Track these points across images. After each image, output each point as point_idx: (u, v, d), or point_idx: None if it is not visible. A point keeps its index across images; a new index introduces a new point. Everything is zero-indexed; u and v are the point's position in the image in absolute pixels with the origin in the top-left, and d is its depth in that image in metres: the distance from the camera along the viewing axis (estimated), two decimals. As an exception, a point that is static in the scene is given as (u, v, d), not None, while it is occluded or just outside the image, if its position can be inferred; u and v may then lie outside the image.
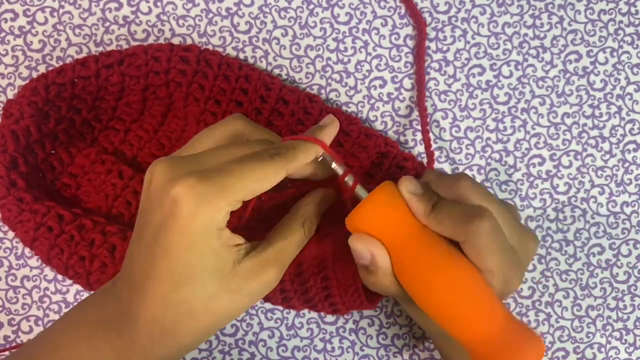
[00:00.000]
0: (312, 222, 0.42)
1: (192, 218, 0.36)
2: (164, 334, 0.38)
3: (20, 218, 0.48)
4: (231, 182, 0.36)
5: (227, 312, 0.38)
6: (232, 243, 0.38)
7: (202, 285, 0.37)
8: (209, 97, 0.51)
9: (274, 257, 0.39)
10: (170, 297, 0.37)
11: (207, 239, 0.36)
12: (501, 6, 0.56)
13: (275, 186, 0.39)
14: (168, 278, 0.37)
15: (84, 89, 0.50)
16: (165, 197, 0.36)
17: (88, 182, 0.52)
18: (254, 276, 0.38)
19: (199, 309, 0.37)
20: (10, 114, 0.48)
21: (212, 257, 0.37)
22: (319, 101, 0.53)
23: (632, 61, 0.57)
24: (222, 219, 0.36)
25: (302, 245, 0.41)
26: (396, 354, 0.56)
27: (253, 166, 0.37)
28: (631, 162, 0.57)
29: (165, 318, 0.37)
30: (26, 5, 0.53)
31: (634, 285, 0.57)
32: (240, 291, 0.38)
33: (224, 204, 0.36)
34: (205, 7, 0.54)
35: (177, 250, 0.36)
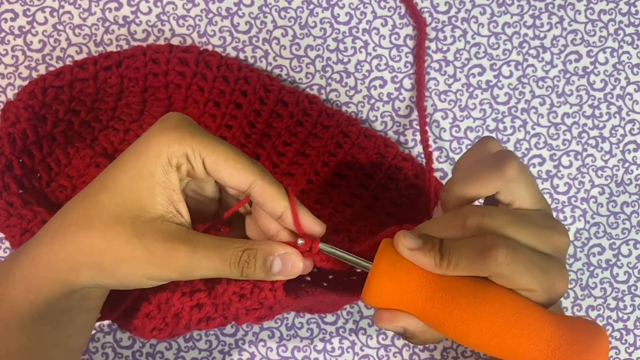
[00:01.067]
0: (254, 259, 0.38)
1: (157, 133, 0.36)
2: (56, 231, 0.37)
3: (8, 222, 0.48)
4: (209, 138, 0.37)
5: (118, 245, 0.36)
6: (174, 202, 0.37)
7: (119, 200, 0.36)
8: (208, 99, 0.51)
9: (192, 244, 0.37)
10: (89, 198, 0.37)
11: (154, 159, 0.36)
12: (501, 6, 0.56)
13: None
14: (101, 181, 0.37)
15: (83, 91, 0.50)
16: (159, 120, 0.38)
17: (83, 184, 0.52)
18: (163, 239, 0.36)
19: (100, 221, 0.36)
20: (7, 117, 0.48)
21: (145, 185, 0.36)
22: (318, 102, 0.53)
23: (632, 61, 0.57)
24: (177, 153, 0.36)
25: (226, 270, 0.38)
26: (396, 354, 0.56)
27: (236, 151, 0.37)
28: (631, 162, 0.57)
29: (71, 216, 0.37)
30: (26, 5, 0.53)
31: (634, 285, 0.57)
32: (142, 238, 0.36)
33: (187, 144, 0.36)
34: (205, 7, 0.54)
35: (127, 156, 0.37)
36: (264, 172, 0.38)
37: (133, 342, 0.55)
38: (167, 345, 0.55)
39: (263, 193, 0.38)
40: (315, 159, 0.53)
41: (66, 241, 0.37)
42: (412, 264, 0.37)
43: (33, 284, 0.38)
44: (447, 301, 0.36)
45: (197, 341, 0.55)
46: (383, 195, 0.53)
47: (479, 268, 0.36)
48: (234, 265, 0.38)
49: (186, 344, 0.55)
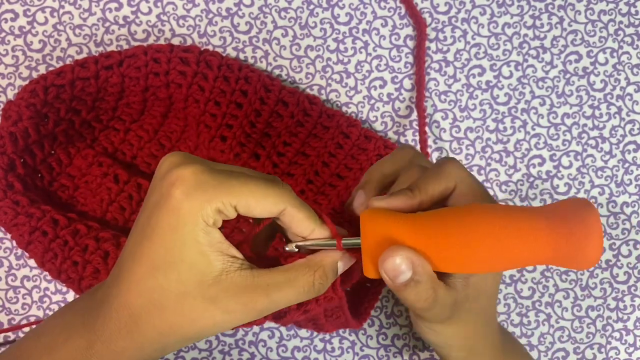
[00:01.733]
0: (325, 274, 0.39)
1: (183, 200, 0.35)
2: (130, 322, 0.37)
3: (15, 221, 0.48)
4: (232, 183, 0.36)
5: (196, 318, 0.37)
6: (227, 252, 0.37)
7: (178, 277, 0.36)
8: (208, 99, 0.51)
9: (264, 287, 0.37)
10: (146, 282, 0.36)
11: (192, 227, 0.35)
12: (501, 7, 0.56)
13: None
14: (149, 261, 0.36)
15: (84, 90, 0.50)
16: (168, 177, 0.36)
17: (85, 184, 0.52)
18: (236, 294, 0.36)
19: (169, 301, 0.36)
20: (8, 116, 0.48)
21: (195, 251, 0.36)
22: (318, 103, 0.53)
23: (632, 62, 0.57)
24: (212, 213, 0.35)
25: (304, 295, 0.38)
26: (396, 354, 0.56)
27: (258, 182, 0.37)
28: (631, 162, 0.57)
29: (135, 304, 0.37)
30: (26, 6, 0.53)
31: (634, 285, 0.57)
32: (215, 302, 0.36)
33: (217, 199, 0.35)
34: (205, 7, 0.54)
35: (163, 231, 0.36)
36: (294, 197, 0.38)
37: (133, 342, 0.55)
38: (167, 346, 0.55)
39: (293, 219, 0.38)
40: (315, 160, 0.53)
41: (144, 330, 0.37)
42: (394, 221, 0.38)
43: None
44: (441, 233, 0.37)
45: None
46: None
47: (444, 178, 0.39)
48: (310, 290, 0.38)
49: (186, 344, 0.55)
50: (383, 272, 0.38)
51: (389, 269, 0.37)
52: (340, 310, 0.44)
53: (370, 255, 0.38)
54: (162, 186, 0.36)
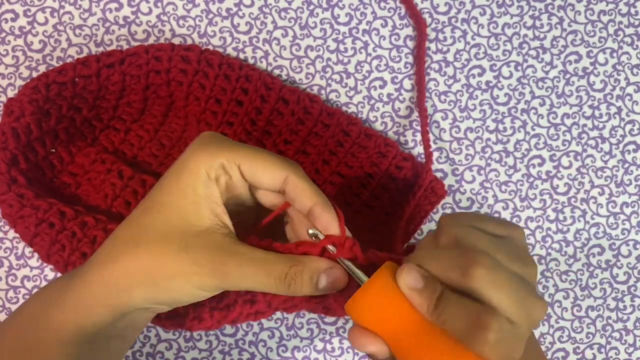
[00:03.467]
0: (301, 276, 0.38)
1: (191, 154, 0.38)
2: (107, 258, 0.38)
3: (21, 213, 0.48)
4: (239, 147, 0.39)
5: (165, 263, 0.37)
6: (219, 214, 0.38)
7: (165, 218, 0.37)
8: (209, 96, 0.51)
9: (239, 257, 0.37)
10: (136, 219, 0.38)
11: (195, 177, 0.38)
12: (501, 7, 0.56)
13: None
14: (147, 202, 0.39)
15: (85, 88, 0.50)
16: (185, 152, 0.40)
17: (88, 181, 0.52)
18: (210, 251, 0.37)
19: (147, 239, 0.37)
20: (11, 112, 0.49)
21: (190, 201, 0.37)
22: (319, 101, 0.53)
23: (631, 62, 0.57)
24: (214, 166, 0.38)
25: (273, 287, 0.38)
26: (396, 354, 0.56)
27: (265, 152, 0.39)
28: (631, 162, 0.57)
29: (118, 236, 0.38)
30: (27, 6, 0.53)
31: (634, 285, 0.57)
32: (188, 251, 0.37)
33: (222, 155, 0.38)
34: (205, 7, 0.54)
35: (167, 180, 0.39)
36: (296, 167, 0.40)
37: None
38: (167, 346, 0.55)
39: (296, 187, 0.39)
40: (316, 158, 0.53)
41: (116, 265, 0.38)
42: (405, 297, 0.37)
43: (83, 308, 0.38)
44: (424, 346, 0.36)
45: (197, 341, 0.55)
46: (383, 194, 0.53)
47: (462, 337, 0.35)
48: (280, 281, 0.38)
49: (186, 344, 0.55)
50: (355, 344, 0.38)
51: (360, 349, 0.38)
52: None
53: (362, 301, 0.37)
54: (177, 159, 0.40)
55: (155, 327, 0.55)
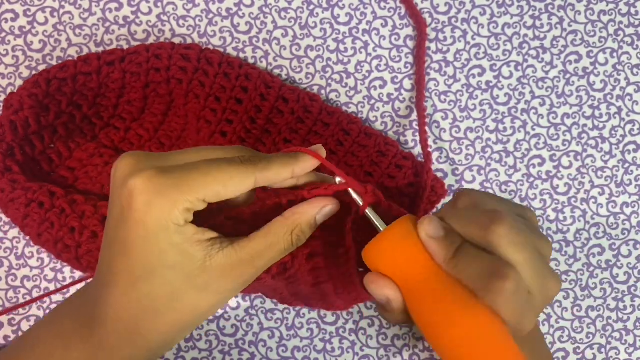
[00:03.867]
0: (303, 232, 0.39)
1: (146, 211, 0.34)
2: (129, 332, 0.37)
3: (12, 196, 0.48)
4: (192, 177, 0.35)
5: (194, 309, 0.37)
6: (203, 238, 0.36)
7: (162, 281, 0.36)
8: (209, 94, 0.51)
9: (248, 259, 0.37)
10: (131, 294, 0.36)
11: (164, 234, 0.35)
12: (501, 7, 0.56)
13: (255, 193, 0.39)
14: (127, 275, 0.36)
15: (85, 85, 0.51)
16: (123, 189, 0.35)
17: (85, 174, 0.52)
18: (224, 274, 0.36)
19: (161, 305, 0.36)
20: (10, 105, 0.49)
21: (173, 253, 0.35)
22: (319, 100, 0.53)
23: (632, 62, 0.57)
24: (180, 215, 0.34)
25: (284, 254, 0.39)
26: (396, 354, 0.56)
27: (219, 167, 0.35)
28: (631, 162, 0.57)
29: (128, 316, 0.37)
30: (27, 6, 0.53)
31: (634, 285, 0.57)
32: (207, 288, 0.36)
33: (182, 200, 0.34)
34: (205, 7, 0.54)
35: (133, 245, 0.35)
36: (258, 160, 0.37)
37: (133, 342, 0.55)
38: (167, 346, 0.55)
39: (268, 180, 0.37)
40: None
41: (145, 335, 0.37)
42: (422, 246, 0.37)
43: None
44: (435, 296, 0.36)
45: (197, 341, 0.55)
46: (383, 193, 0.53)
47: (480, 288, 0.35)
48: (290, 248, 0.39)
49: (186, 344, 0.55)
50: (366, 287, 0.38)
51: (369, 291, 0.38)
52: (350, 278, 0.44)
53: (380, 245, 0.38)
54: (120, 199, 0.35)
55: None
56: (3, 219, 0.54)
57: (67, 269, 0.54)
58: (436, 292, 0.37)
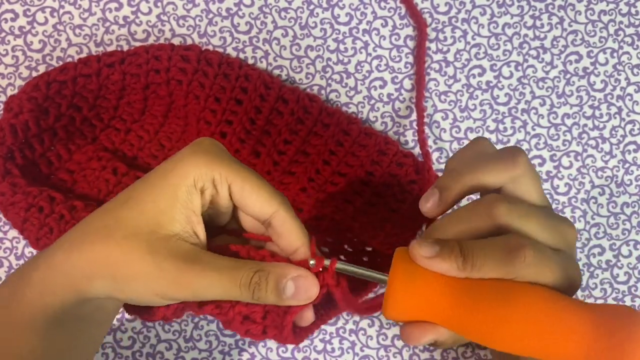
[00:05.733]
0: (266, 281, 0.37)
1: (188, 156, 0.37)
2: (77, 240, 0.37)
3: (12, 200, 0.49)
4: (237, 164, 0.37)
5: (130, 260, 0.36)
6: (192, 222, 0.37)
7: (139, 214, 0.36)
8: (209, 95, 0.51)
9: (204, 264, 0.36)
10: (110, 212, 0.37)
11: (179, 180, 0.36)
12: (501, 7, 0.56)
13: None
14: (127, 194, 0.38)
15: (85, 87, 0.51)
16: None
17: (83, 178, 0.52)
18: (175, 257, 0.36)
19: (117, 232, 0.36)
20: (10, 108, 0.49)
21: (167, 203, 0.36)
22: (318, 101, 0.53)
23: (632, 62, 0.57)
24: (204, 176, 0.37)
25: (236, 292, 0.37)
26: (396, 354, 0.56)
27: (261, 178, 0.38)
28: (631, 162, 0.57)
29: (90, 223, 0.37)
30: (26, 6, 0.53)
31: (634, 286, 0.57)
32: (154, 254, 0.36)
33: (217, 169, 0.37)
34: (205, 7, 0.54)
35: (155, 175, 0.37)
36: (287, 204, 0.38)
37: (133, 342, 0.55)
38: (167, 346, 0.55)
39: (283, 224, 0.38)
40: (316, 158, 0.53)
41: (84, 249, 0.37)
42: (430, 271, 0.35)
43: (48, 287, 0.38)
44: (470, 305, 0.35)
45: (197, 341, 0.55)
46: (385, 192, 0.53)
47: (505, 270, 0.34)
48: (245, 287, 0.37)
49: (186, 344, 0.55)
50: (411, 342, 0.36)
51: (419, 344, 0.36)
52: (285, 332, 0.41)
53: (395, 302, 0.36)
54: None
55: (155, 327, 0.55)
56: (3, 219, 0.54)
57: (67, 269, 0.54)
58: (473, 303, 0.35)
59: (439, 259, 0.35)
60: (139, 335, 0.54)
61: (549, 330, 0.34)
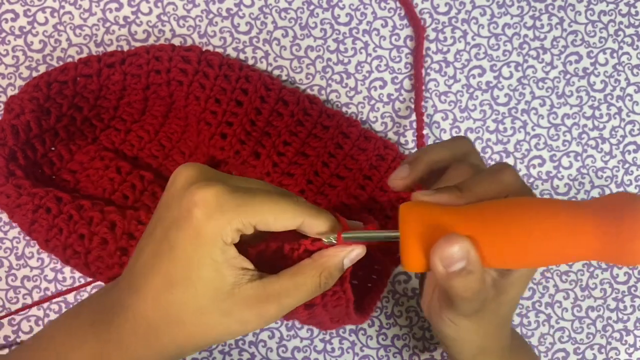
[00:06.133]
0: (331, 275, 0.39)
1: (206, 222, 0.36)
2: (148, 334, 0.38)
3: (18, 202, 0.48)
4: (252, 202, 0.37)
5: (214, 330, 0.38)
6: (238, 265, 0.37)
7: (195, 293, 0.37)
8: (209, 96, 0.51)
9: (275, 295, 0.38)
10: (163, 296, 0.37)
11: (211, 247, 0.36)
12: (501, 7, 0.56)
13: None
14: (166, 276, 0.37)
15: (86, 87, 0.51)
16: (188, 196, 0.37)
17: (87, 177, 0.52)
18: (249, 305, 0.37)
19: (187, 316, 0.37)
20: (11, 109, 0.49)
21: (212, 269, 0.37)
22: (318, 103, 0.53)
23: (632, 62, 0.57)
24: (230, 233, 0.36)
25: (311, 296, 0.39)
26: (396, 354, 0.56)
27: (278, 199, 0.38)
28: (631, 163, 0.57)
29: (153, 317, 0.37)
30: (27, 6, 0.53)
31: (634, 286, 0.57)
32: (230, 314, 0.37)
33: (238, 220, 0.36)
34: (205, 7, 0.54)
35: (182, 249, 0.37)
36: (309, 207, 0.39)
37: (133, 342, 0.55)
38: (167, 346, 0.55)
39: (311, 228, 0.39)
40: (315, 160, 0.53)
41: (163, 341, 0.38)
42: (443, 212, 0.37)
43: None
44: (492, 225, 0.36)
45: (197, 341, 0.55)
46: (382, 197, 0.53)
47: (497, 187, 0.38)
48: (317, 291, 0.39)
49: (186, 345, 0.55)
50: (437, 260, 0.36)
51: (445, 257, 0.36)
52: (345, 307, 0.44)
53: (412, 246, 0.37)
54: (181, 204, 0.37)
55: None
56: (3, 219, 0.54)
57: (67, 270, 0.54)
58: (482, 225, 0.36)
59: (439, 193, 0.38)
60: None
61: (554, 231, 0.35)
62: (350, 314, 0.44)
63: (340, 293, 0.41)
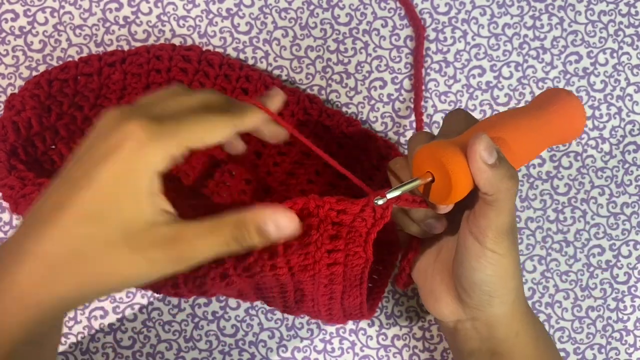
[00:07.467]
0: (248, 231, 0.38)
1: (138, 151, 0.35)
2: (46, 276, 0.36)
3: (23, 192, 0.48)
4: (180, 125, 0.37)
5: (120, 267, 0.36)
6: (159, 205, 0.36)
7: (106, 225, 0.35)
8: None
9: (189, 237, 0.37)
10: (71, 231, 0.35)
11: (140, 176, 0.36)
12: (501, 7, 0.56)
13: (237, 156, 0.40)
14: (80, 210, 0.36)
15: (87, 86, 0.51)
16: (115, 132, 0.36)
17: None
18: (161, 244, 0.36)
19: (93, 251, 0.35)
20: (12, 106, 0.49)
21: (132, 201, 0.36)
22: (318, 102, 0.53)
23: (632, 62, 0.57)
24: (162, 161, 0.36)
25: (226, 248, 0.38)
26: (396, 354, 0.56)
27: (204, 116, 0.38)
28: (631, 163, 0.57)
29: (57, 254, 0.35)
30: (27, 6, 0.53)
31: (634, 286, 0.57)
32: (140, 250, 0.36)
33: (170, 144, 0.36)
34: (205, 7, 0.54)
35: (104, 183, 0.35)
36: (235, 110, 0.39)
37: (133, 342, 0.55)
38: (168, 346, 0.55)
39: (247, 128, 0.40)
40: (316, 160, 0.53)
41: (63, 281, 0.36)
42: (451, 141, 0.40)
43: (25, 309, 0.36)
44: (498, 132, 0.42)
45: (197, 341, 0.55)
46: None
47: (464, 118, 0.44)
48: (233, 242, 0.38)
49: (186, 344, 0.55)
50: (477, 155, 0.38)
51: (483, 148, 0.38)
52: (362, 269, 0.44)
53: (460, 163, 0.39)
54: (109, 140, 0.36)
55: (155, 327, 0.55)
56: (3, 218, 0.54)
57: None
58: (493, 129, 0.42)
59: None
60: (139, 335, 0.54)
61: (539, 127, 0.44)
62: (364, 283, 0.44)
63: (361, 253, 0.42)
